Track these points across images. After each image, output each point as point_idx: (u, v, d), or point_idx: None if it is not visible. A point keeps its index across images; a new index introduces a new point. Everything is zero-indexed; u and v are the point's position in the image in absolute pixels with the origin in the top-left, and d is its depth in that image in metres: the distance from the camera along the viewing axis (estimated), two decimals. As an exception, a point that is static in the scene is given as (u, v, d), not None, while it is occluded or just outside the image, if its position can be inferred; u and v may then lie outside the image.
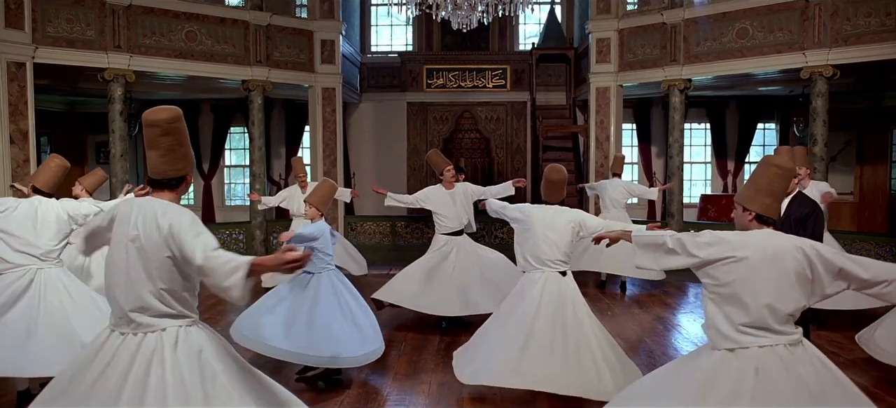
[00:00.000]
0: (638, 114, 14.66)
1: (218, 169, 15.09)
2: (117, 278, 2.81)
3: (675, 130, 11.09)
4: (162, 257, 2.76)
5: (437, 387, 5.37)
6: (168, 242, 2.74)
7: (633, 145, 14.87)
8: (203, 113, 14.80)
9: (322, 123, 11.87)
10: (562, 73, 14.49)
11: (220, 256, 2.65)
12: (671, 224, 11.17)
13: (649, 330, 7.30)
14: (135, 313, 2.76)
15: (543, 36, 14.14)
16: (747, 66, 10.09)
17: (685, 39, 10.69)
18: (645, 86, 11.81)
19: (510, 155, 14.68)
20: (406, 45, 15.72)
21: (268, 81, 11.09)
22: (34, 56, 8.95)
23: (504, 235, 12.11)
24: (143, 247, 2.76)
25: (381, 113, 14.77)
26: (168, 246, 2.74)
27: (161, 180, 2.91)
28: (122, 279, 2.79)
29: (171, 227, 2.74)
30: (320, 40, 11.71)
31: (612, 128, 11.63)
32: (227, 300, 2.81)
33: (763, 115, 14.30)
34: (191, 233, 2.73)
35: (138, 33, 9.89)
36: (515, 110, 14.70)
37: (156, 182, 2.91)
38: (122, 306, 2.78)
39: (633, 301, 8.81)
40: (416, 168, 14.69)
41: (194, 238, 2.71)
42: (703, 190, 15.08)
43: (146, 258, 2.76)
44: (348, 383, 5.45)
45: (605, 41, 11.58)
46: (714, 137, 14.72)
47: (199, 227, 2.79)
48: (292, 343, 5.03)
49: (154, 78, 10.93)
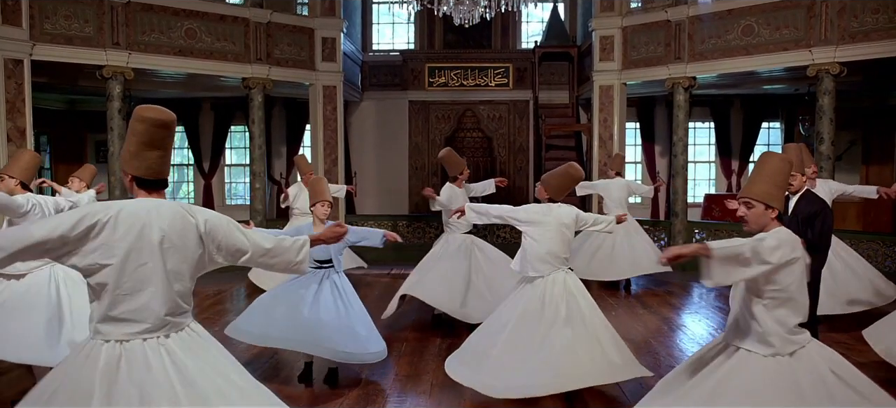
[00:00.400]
0: (641, 113, 14.55)
1: (218, 168, 15.00)
2: (137, 285, 2.62)
3: (679, 129, 10.98)
4: (196, 255, 2.77)
5: (438, 389, 5.27)
6: (204, 239, 2.77)
7: (636, 144, 14.75)
8: (203, 111, 14.70)
9: (323, 122, 11.78)
10: (565, 71, 14.38)
11: (281, 239, 3.01)
12: (675, 224, 11.06)
13: (654, 331, 7.19)
14: (171, 315, 2.70)
15: (546, 34, 14.02)
16: (753, 63, 9.98)
17: (690, 37, 10.58)
18: (649, 84, 11.71)
19: (513, 154, 14.57)
20: (408, 44, 15.61)
21: (268, 79, 11.00)
22: (32, 53, 8.86)
23: (506, 235, 11.99)
24: (177, 247, 2.69)
25: (382, 112, 14.67)
26: (202, 243, 2.77)
27: (157, 181, 2.80)
28: (151, 285, 2.64)
29: (208, 223, 2.78)
30: (321, 38, 11.62)
31: (616, 126, 11.52)
32: (294, 273, 3.18)
33: (768, 114, 14.18)
34: (234, 226, 2.87)
35: (137, 30, 9.80)
36: (518, 109, 14.59)
37: (151, 183, 2.78)
38: (155, 312, 2.65)
39: (638, 301, 8.69)
40: (418, 167, 14.60)
41: (240, 231, 2.88)
42: (706, 189, 14.96)
43: (183, 258, 2.72)
44: (349, 384, 5.35)
45: (609, 39, 11.47)
46: (718, 137, 14.59)
47: (231, 220, 2.91)
48: (298, 334, 4.98)
49: (154, 76, 10.84)
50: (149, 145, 2.73)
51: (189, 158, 15.10)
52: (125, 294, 2.60)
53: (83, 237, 2.54)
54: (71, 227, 2.52)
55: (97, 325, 2.61)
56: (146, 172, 2.75)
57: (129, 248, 2.59)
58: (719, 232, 10.91)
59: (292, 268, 3.04)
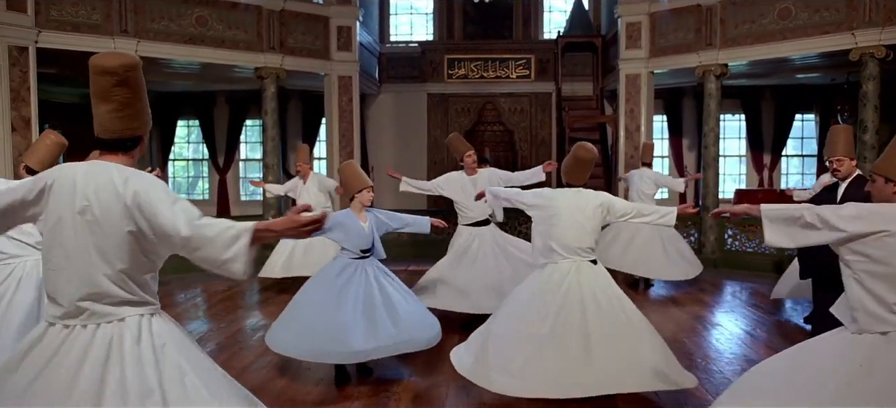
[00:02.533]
0: (668, 105, 14.03)
1: (233, 163, 14.72)
2: (61, 261, 2.30)
3: (710, 119, 10.46)
4: (122, 232, 2.28)
5: (455, 389, 4.85)
6: (132, 213, 2.27)
7: (663, 138, 14.22)
8: (218, 105, 14.43)
9: (339, 113, 11.42)
10: (588, 62, 13.89)
11: (213, 223, 2.26)
12: (706, 218, 10.54)
13: (687, 329, 6.71)
14: (87, 301, 2.27)
15: (569, 23, 13.57)
16: (789, 49, 9.43)
17: (722, 22, 10.06)
18: (677, 74, 11.20)
19: (535, 148, 14.11)
20: (427, 35, 15.23)
21: (281, 69, 10.65)
22: (37, 40, 8.60)
23: (526, 230, 11.52)
24: (98, 220, 2.27)
25: (400, 104, 14.30)
26: (131, 218, 2.28)
27: (113, 141, 2.40)
28: (71, 262, 2.29)
29: (137, 195, 2.27)
30: (336, 27, 11.26)
31: (643, 117, 11.03)
32: (227, 276, 2.31)
33: (801, 105, 13.59)
34: (167, 201, 2.28)
35: (146, 18, 9.50)
36: (540, 101, 14.14)
37: (106, 143, 2.40)
38: (69, 295, 2.28)
39: (668, 299, 8.21)
40: (436, 161, 14.18)
41: (172, 206, 2.27)
42: (735, 185, 14.39)
43: (101, 234, 2.28)
44: (364, 382, 4.95)
45: (636, 26, 10.97)
46: (749, 129, 14.02)
47: (174, 194, 2.35)
48: (383, 337, 4.56)
49: (165, 66, 10.56)
50: (99, 98, 2.37)
51: (204, 153, 14.84)
52: (51, 270, 2.31)
53: (37, 201, 2.34)
54: (29, 189, 2.33)
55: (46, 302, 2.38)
56: (99, 130, 2.39)
57: (59, 216, 2.29)
58: (753, 227, 10.38)
59: (218, 268, 2.28)
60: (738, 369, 5.40)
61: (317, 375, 5.09)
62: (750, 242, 10.31)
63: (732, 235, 10.57)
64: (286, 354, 4.75)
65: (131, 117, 2.41)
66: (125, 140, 2.41)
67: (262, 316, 7.35)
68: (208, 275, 2.41)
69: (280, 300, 7.60)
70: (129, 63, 2.37)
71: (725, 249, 10.53)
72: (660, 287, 8.80)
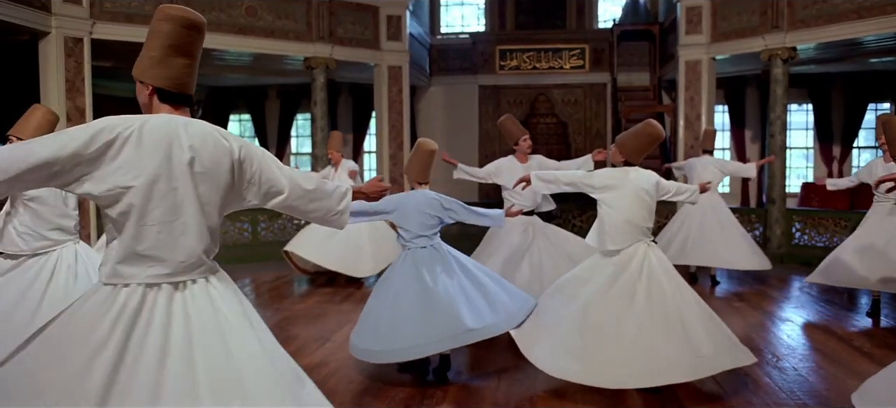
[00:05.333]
0: (730, 95, 13.46)
1: (284, 156, 14.76)
2: (182, 215, 2.18)
3: (777, 106, 9.90)
4: (225, 184, 2.28)
5: (506, 383, 4.59)
6: (236, 167, 2.29)
7: (725, 130, 13.64)
8: (269, 98, 14.51)
9: (388, 104, 11.26)
10: (645, 51, 13.42)
11: (322, 181, 2.57)
12: (772, 211, 10.00)
13: (756, 326, 6.29)
14: (206, 255, 2.25)
15: (625, 11, 13.14)
16: (865, 28, 8.77)
17: (789, 3, 9.49)
18: (739, 60, 10.68)
19: (589, 140, 13.70)
20: (478, 26, 14.97)
21: (331, 59, 10.53)
22: (91, 31, 8.66)
23: (581, 223, 11.16)
24: (209, 171, 2.22)
25: (451, 97, 14.09)
26: (233, 171, 2.29)
27: (183, 96, 2.30)
28: (194, 215, 2.20)
29: (243, 148, 2.32)
30: (386, 16, 11.10)
31: (704, 106, 10.53)
32: (331, 227, 2.69)
33: (874, 93, 12.83)
34: (270, 159, 2.43)
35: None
36: (595, 92, 13.74)
37: (177, 97, 2.27)
38: (191, 249, 2.19)
39: (734, 295, 7.76)
40: (488, 155, 13.86)
41: (278, 166, 2.44)
42: (802, 178, 13.70)
43: (215, 186, 2.25)
44: (411, 379, 4.73)
45: (696, 10, 10.49)
46: (817, 120, 13.32)
47: (269, 153, 2.49)
48: (492, 315, 4.36)
49: (217, 58, 10.57)
50: (177, 51, 2.24)
51: (256, 147, 14.93)
52: (152, 225, 2.13)
53: (100, 155, 2.05)
54: (85, 142, 2.03)
55: (116, 266, 2.13)
56: (171, 84, 2.24)
57: (157, 168, 2.12)
58: (823, 220, 9.80)
59: (331, 218, 2.61)
60: (811, 365, 5.03)
61: (360, 364, 4.89)
62: (820, 237, 9.73)
63: (800, 227, 10.00)
64: (412, 358, 4.33)
65: (195, 76, 2.35)
66: (191, 97, 2.35)
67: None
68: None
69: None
70: (205, 23, 2.37)
71: (793, 244, 9.97)
72: (726, 284, 8.32)
